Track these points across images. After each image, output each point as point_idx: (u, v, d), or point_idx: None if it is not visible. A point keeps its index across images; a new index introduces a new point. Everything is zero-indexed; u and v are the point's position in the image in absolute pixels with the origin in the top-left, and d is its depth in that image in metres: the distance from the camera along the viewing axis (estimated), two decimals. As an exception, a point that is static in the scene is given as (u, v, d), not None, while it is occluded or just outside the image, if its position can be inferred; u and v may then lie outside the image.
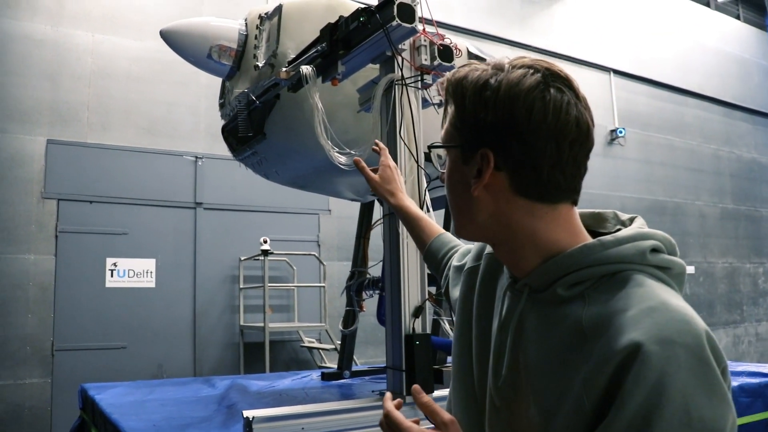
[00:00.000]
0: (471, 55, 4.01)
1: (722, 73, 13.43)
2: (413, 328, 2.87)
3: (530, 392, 0.97)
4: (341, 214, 8.15)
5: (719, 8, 14.00)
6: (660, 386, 0.79)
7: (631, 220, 1.07)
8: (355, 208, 5.44)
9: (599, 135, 10.93)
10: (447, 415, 1.00)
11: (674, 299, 0.90)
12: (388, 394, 1.09)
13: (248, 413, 2.48)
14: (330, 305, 7.77)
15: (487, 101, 0.97)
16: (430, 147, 1.07)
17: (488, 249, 1.21)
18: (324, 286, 7.76)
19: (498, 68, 1.00)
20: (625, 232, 1.00)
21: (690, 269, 11.14)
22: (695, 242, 12.00)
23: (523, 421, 0.99)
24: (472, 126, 1.00)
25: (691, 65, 12.79)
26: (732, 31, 14.02)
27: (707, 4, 13.80)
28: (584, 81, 10.83)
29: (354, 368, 4.97)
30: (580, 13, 11.22)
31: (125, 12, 7.25)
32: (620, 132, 10.99)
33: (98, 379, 5.52)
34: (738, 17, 14.47)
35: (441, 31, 3.14)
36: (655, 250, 0.98)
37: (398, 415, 1.02)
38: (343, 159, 2.98)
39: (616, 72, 11.46)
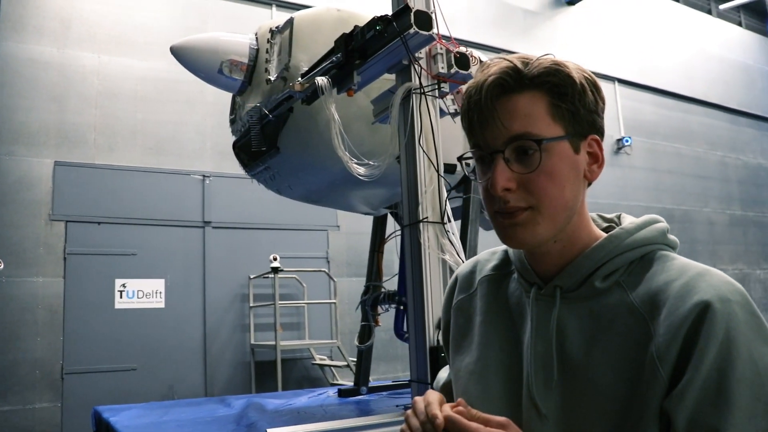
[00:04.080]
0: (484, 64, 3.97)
1: (726, 80, 13.41)
2: (438, 340, 2.80)
3: (591, 390, 0.95)
4: (350, 229, 8.09)
5: (721, 15, 14.02)
6: (727, 341, 0.85)
7: (618, 217, 1.12)
8: (363, 223, 5.38)
9: (605, 144, 10.77)
10: (501, 417, 0.93)
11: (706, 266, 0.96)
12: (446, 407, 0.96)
13: (272, 431, 2.42)
14: (341, 322, 7.69)
15: (597, 88, 1.03)
16: (539, 141, 0.97)
17: (483, 274, 1.18)
18: (335, 303, 7.69)
19: (556, 63, 1.02)
20: (636, 220, 1.06)
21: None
22: (704, 249, 11.90)
23: (583, 423, 0.95)
24: (592, 113, 1.03)
25: (695, 73, 12.77)
26: (734, 38, 14.02)
27: (709, 12, 13.81)
28: (589, 90, 10.85)
29: (371, 384, 4.89)
30: (582, 24, 11.22)
31: (130, 33, 7.25)
32: (627, 141, 10.95)
33: (109, 401, 5.43)
34: (740, 24, 14.50)
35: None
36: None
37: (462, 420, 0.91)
38: (362, 170, 2.93)
39: (621, 81, 11.43)
